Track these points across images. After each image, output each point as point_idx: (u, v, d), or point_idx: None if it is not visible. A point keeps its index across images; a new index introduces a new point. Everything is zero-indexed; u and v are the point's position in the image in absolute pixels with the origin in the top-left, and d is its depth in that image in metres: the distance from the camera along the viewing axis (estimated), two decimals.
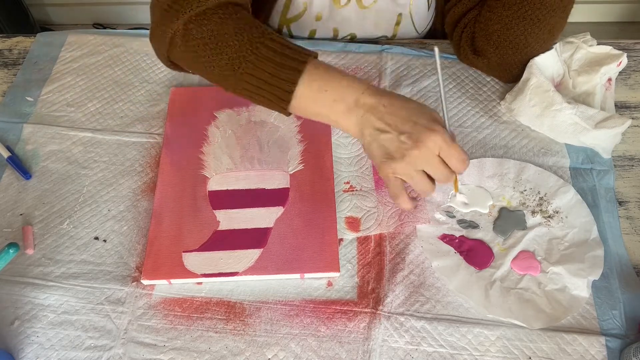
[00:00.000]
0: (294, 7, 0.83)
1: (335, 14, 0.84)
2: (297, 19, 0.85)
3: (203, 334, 0.60)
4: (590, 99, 0.76)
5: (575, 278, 0.62)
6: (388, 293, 0.63)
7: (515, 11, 0.72)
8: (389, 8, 0.84)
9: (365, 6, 0.83)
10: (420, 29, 0.89)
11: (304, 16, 0.84)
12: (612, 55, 0.77)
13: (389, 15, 0.85)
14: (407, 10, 0.85)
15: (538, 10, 0.70)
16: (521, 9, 0.71)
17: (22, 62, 0.84)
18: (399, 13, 0.85)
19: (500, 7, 0.73)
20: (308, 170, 0.71)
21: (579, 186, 0.70)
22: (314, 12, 0.83)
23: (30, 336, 0.60)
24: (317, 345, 0.60)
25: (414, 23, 0.87)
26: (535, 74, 0.73)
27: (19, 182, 0.71)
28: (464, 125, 0.77)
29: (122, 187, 0.71)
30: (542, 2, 0.70)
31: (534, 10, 0.71)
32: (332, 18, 0.84)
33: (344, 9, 0.83)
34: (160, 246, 0.65)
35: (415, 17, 0.86)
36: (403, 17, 0.85)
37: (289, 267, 0.63)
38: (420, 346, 0.59)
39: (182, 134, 0.75)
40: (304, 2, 0.82)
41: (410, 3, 0.84)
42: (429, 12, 0.88)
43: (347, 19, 0.84)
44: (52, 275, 0.64)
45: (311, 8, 0.83)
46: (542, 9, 0.70)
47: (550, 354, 0.59)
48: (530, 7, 0.70)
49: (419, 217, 0.67)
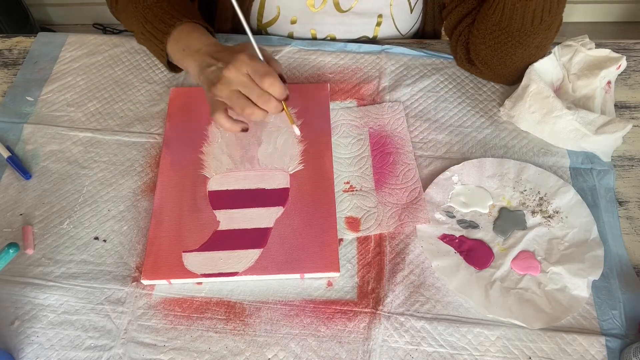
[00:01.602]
0: (268, 12, 0.84)
1: (310, 17, 0.84)
2: (272, 24, 0.86)
3: (203, 334, 0.60)
4: (590, 102, 0.76)
5: (575, 278, 0.62)
6: (388, 293, 0.63)
7: (496, 36, 0.71)
8: (368, 10, 0.84)
9: (343, 10, 0.83)
10: (404, 31, 0.89)
11: (278, 20, 0.85)
12: (612, 58, 0.76)
13: (369, 17, 0.85)
14: (388, 11, 0.84)
15: (518, 36, 0.70)
16: (501, 35, 0.71)
17: (22, 62, 0.84)
18: (379, 14, 0.85)
19: (483, 29, 0.72)
20: (308, 170, 0.71)
21: (579, 186, 0.70)
22: (288, 16, 0.84)
23: (30, 336, 0.60)
24: (317, 345, 0.60)
25: (396, 25, 0.87)
26: (535, 80, 0.73)
27: (19, 182, 0.71)
28: (463, 126, 0.77)
29: (122, 187, 0.71)
30: (520, 30, 0.69)
31: (515, 36, 0.70)
32: (308, 21, 0.85)
33: (319, 12, 0.83)
34: (160, 246, 0.65)
35: (397, 18, 0.86)
36: (384, 18, 0.85)
37: (289, 267, 0.63)
38: (420, 346, 0.59)
39: (182, 134, 0.75)
40: (277, 6, 0.83)
41: (390, 4, 0.84)
42: (413, 15, 0.87)
43: (324, 22, 0.85)
44: (52, 275, 0.64)
45: (285, 12, 0.84)
46: (522, 35, 0.70)
47: (550, 354, 0.59)
48: (510, 34, 0.70)
49: (419, 217, 0.67)
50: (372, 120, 0.77)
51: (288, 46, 0.84)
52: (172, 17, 0.72)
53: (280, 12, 0.84)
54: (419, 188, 0.70)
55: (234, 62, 0.61)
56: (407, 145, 0.74)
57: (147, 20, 0.73)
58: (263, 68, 0.61)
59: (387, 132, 0.75)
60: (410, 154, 0.73)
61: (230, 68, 0.61)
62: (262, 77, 0.61)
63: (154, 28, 0.72)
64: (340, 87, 0.81)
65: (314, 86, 0.80)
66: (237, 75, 0.61)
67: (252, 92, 0.62)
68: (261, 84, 0.61)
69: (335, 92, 0.80)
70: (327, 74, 0.82)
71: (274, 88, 0.62)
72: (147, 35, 0.74)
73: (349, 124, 0.76)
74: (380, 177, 0.71)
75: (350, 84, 0.81)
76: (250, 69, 0.61)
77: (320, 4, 0.82)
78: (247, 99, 0.62)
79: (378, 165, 0.72)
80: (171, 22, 0.71)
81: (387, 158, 0.73)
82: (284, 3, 0.83)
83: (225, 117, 0.65)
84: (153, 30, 0.73)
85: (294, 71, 0.82)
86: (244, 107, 0.62)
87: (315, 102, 0.78)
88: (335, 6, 0.82)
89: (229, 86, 0.62)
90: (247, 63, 0.61)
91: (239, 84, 0.62)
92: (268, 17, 0.85)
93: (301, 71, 0.82)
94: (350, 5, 0.83)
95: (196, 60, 0.67)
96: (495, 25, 0.70)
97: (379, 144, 0.74)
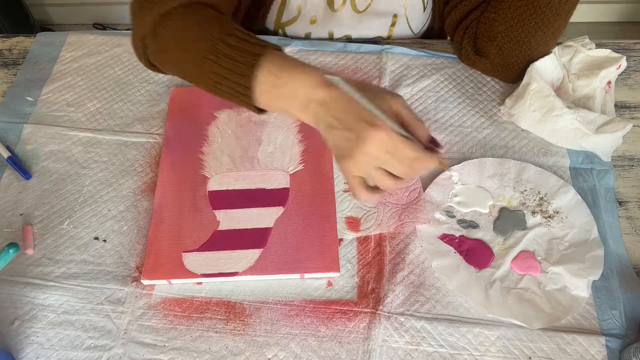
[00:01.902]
0: (289, 11, 0.83)
1: (330, 17, 0.84)
2: (291, 23, 0.85)
3: (203, 334, 0.60)
4: (591, 102, 0.76)
5: (575, 278, 0.62)
6: (388, 293, 0.63)
7: (521, 13, 0.71)
8: (383, 10, 0.84)
9: (360, 10, 0.83)
10: (416, 30, 0.89)
11: (298, 20, 0.84)
12: (612, 58, 0.76)
13: (384, 17, 0.85)
14: (403, 11, 0.85)
15: (543, 13, 0.70)
16: (527, 11, 0.71)
17: (22, 62, 0.84)
18: (394, 14, 0.85)
19: (505, 9, 0.73)
20: (308, 170, 0.71)
21: (579, 186, 0.70)
22: (308, 16, 0.84)
23: (30, 336, 0.60)
24: (317, 345, 0.60)
25: (410, 24, 0.87)
26: (536, 78, 0.73)
27: (19, 182, 0.71)
28: (463, 126, 0.77)
29: (122, 187, 0.71)
30: (548, 5, 0.69)
31: (540, 13, 0.70)
32: (327, 21, 0.84)
33: (338, 12, 0.83)
34: (160, 246, 0.65)
35: (411, 18, 0.86)
36: (398, 18, 0.85)
37: (289, 267, 0.63)
38: (420, 346, 0.59)
39: (182, 134, 0.75)
40: (298, 5, 0.82)
41: (405, 5, 0.84)
42: (425, 13, 0.88)
43: (342, 22, 0.85)
44: (52, 275, 0.64)
45: (305, 11, 0.83)
46: (547, 12, 0.70)
47: (550, 354, 0.59)
48: (536, 10, 0.70)
49: (419, 217, 0.67)
50: None
51: (288, 46, 0.84)
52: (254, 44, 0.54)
53: (301, 11, 0.83)
54: (419, 188, 0.70)
55: (368, 140, 0.49)
56: None
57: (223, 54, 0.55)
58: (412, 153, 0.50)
59: None
60: None
61: (366, 146, 0.50)
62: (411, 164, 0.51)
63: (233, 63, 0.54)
64: None
65: None
66: (377, 156, 0.51)
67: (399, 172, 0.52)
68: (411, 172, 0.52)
69: None
70: None
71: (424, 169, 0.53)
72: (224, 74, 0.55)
73: None
74: None
75: None
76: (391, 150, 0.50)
77: (340, 4, 0.82)
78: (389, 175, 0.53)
79: None
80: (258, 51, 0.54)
81: None
82: (305, 2, 0.82)
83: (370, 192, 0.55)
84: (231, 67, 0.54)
85: None
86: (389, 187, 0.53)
87: None
88: (352, 7, 0.83)
89: (366, 164, 0.52)
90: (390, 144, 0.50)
91: (381, 163, 0.51)
92: (289, 16, 0.84)
93: None
94: (366, 5, 0.83)
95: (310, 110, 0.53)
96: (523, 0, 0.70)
97: None
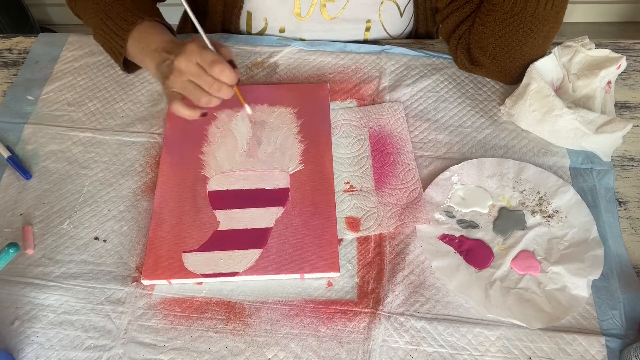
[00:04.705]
0: (256, 23, 0.85)
1: (298, 26, 0.85)
2: (261, 34, 0.86)
3: (203, 334, 0.60)
4: (590, 102, 0.76)
5: (575, 278, 0.62)
6: (388, 293, 0.63)
7: (508, 25, 0.72)
8: (356, 17, 0.84)
9: (331, 17, 0.83)
10: (394, 33, 0.89)
11: (267, 30, 0.86)
12: (612, 58, 0.76)
13: (358, 23, 0.85)
14: (377, 17, 0.84)
15: (530, 22, 0.70)
16: (514, 22, 0.71)
17: (22, 62, 0.84)
18: (367, 19, 0.85)
19: (492, 21, 0.73)
20: (308, 170, 0.71)
21: (579, 186, 0.70)
22: (276, 27, 0.85)
23: (30, 336, 0.60)
24: (317, 345, 0.60)
25: (385, 28, 0.87)
26: (536, 78, 0.73)
27: (19, 182, 0.71)
28: (463, 126, 0.77)
29: (122, 187, 0.71)
30: (533, 14, 0.69)
31: (526, 23, 0.70)
32: (296, 30, 0.85)
33: (307, 20, 0.83)
34: (160, 246, 0.65)
35: (387, 23, 0.86)
36: (373, 24, 0.85)
37: (289, 267, 0.63)
38: (420, 346, 0.59)
39: (182, 134, 0.75)
40: (264, 17, 0.84)
41: (379, 9, 0.83)
42: (404, 19, 0.87)
43: (312, 29, 0.85)
44: (52, 275, 0.64)
45: (273, 23, 0.84)
46: (533, 20, 0.70)
47: (550, 354, 0.59)
48: (522, 20, 0.70)
49: (418, 217, 0.67)
50: (372, 120, 0.77)
51: (288, 46, 0.84)
52: (134, 15, 0.72)
53: (268, 23, 0.85)
54: (419, 188, 0.70)
55: (183, 52, 0.62)
56: (407, 145, 0.74)
57: (109, 17, 0.73)
58: (211, 56, 0.62)
59: (387, 132, 0.75)
60: (410, 154, 0.73)
61: (180, 59, 0.62)
62: (211, 66, 0.62)
63: (115, 25, 0.72)
64: (340, 87, 0.81)
65: (314, 86, 0.80)
66: (187, 65, 0.62)
67: (203, 81, 0.62)
68: (211, 72, 0.62)
69: (335, 92, 0.80)
70: (327, 74, 0.82)
71: (223, 75, 0.62)
72: (107, 32, 0.73)
73: (349, 124, 0.77)
74: (380, 177, 0.71)
75: (350, 84, 0.81)
76: (199, 58, 0.62)
77: (306, 12, 0.82)
78: (200, 89, 0.63)
79: (378, 166, 0.72)
80: (132, 20, 0.71)
81: (387, 158, 0.73)
82: (271, 14, 0.83)
83: (183, 106, 0.65)
84: (114, 28, 0.72)
85: (294, 71, 0.82)
86: (198, 97, 0.63)
87: (315, 102, 0.78)
88: (322, 14, 0.83)
89: (181, 77, 0.63)
90: (196, 52, 0.62)
91: (191, 74, 0.62)
92: (257, 28, 0.86)
93: (301, 71, 0.82)
94: (337, 11, 0.83)
95: (154, 58, 0.68)
96: (507, 13, 0.70)
97: (379, 144, 0.74)
